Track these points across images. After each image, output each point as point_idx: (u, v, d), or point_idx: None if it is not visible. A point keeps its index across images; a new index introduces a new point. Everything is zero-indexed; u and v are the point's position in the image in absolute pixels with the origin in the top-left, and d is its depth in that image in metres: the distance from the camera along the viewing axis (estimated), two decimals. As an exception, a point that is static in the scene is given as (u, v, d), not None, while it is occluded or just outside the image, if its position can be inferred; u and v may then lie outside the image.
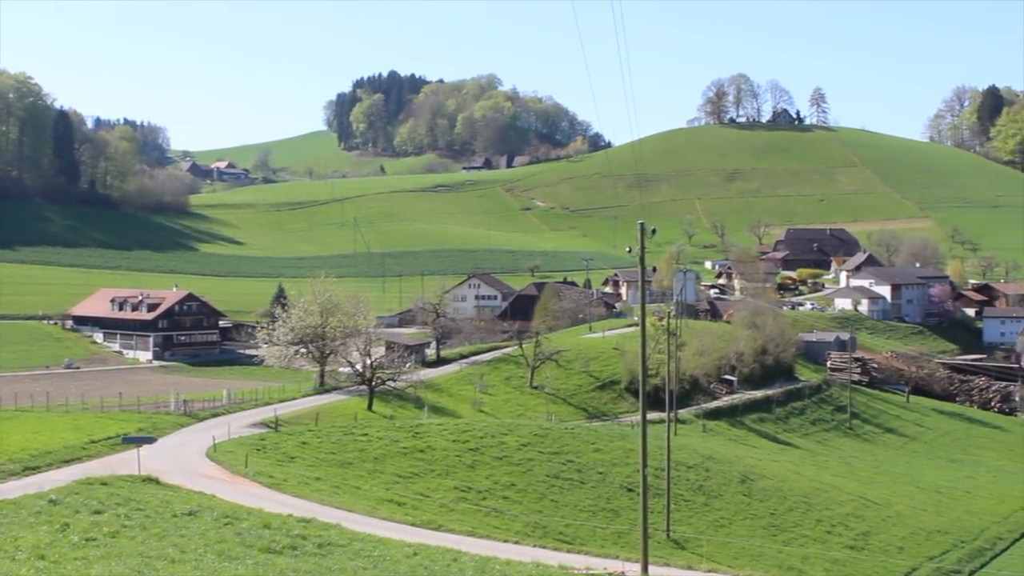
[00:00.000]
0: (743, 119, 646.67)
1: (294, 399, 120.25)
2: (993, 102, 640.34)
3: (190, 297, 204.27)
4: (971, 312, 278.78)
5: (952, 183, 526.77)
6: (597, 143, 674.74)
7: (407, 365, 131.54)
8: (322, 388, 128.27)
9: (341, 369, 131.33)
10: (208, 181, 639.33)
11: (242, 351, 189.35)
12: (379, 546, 48.85)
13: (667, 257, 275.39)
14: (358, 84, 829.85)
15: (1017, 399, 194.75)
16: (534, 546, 62.37)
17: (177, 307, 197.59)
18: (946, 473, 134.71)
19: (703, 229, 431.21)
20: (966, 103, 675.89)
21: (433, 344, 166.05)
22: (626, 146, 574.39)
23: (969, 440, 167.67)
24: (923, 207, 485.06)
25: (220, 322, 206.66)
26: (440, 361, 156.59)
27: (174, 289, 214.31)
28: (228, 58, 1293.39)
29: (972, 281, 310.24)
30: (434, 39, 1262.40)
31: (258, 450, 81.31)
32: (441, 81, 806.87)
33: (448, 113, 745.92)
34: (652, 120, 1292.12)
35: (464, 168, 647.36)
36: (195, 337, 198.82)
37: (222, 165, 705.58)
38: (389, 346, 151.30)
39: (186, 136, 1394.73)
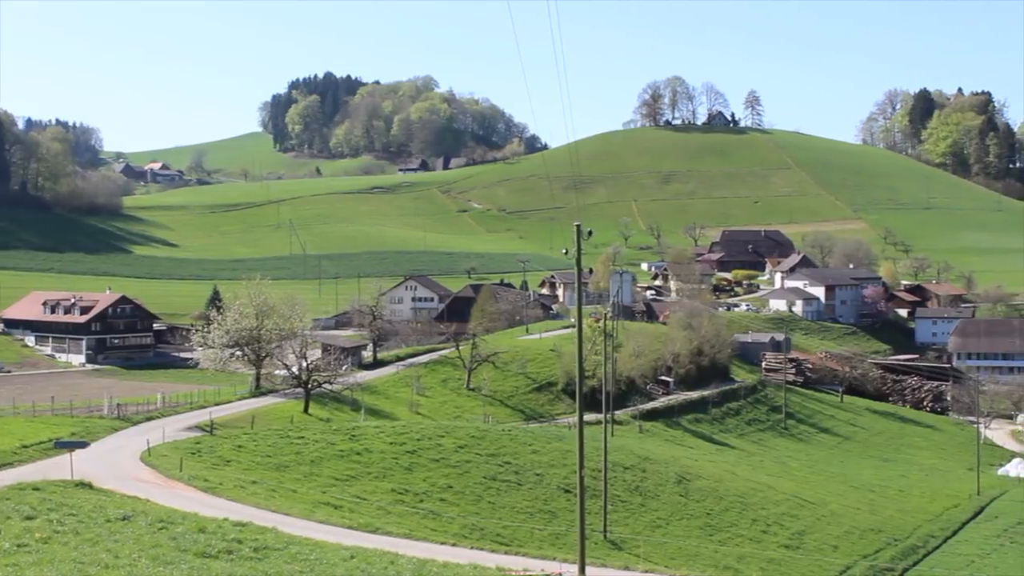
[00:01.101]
0: (679, 121, 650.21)
1: (229, 402, 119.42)
2: (924, 105, 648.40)
3: (124, 300, 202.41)
4: (904, 313, 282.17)
5: (885, 185, 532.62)
6: (534, 145, 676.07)
7: (343, 367, 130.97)
8: (258, 391, 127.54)
9: (277, 372, 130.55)
10: (142, 183, 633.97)
11: (177, 354, 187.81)
12: (316, 549, 48.57)
13: (603, 259, 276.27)
14: (294, 85, 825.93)
15: (949, 399, 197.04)
16: (471, 548, 62.27)
17: (110, 310, 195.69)
18: (879, 472, 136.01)
19: (639, 231, 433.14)
20: (898, 106, 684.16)
21: (370, 346, 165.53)
22: (563, 148, 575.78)
23: (902, 439, 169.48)
24: (856, 209, 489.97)
25: (154, 325, 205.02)
26: (377, 363, 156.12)
27: (107, 292, 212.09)
28: (162, 59, 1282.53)
29: (904, 282, 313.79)
30: (370, 41, 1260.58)
31: (193, 454, 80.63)
32: (377, 83, 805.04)
33: (384, 115, 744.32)
34: (588, 122, 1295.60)
35: (401, 170, 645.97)
36: (129, 340, 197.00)
37: (156, 166, 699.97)
38: (325, 348, 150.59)
39: (119, 137, 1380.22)
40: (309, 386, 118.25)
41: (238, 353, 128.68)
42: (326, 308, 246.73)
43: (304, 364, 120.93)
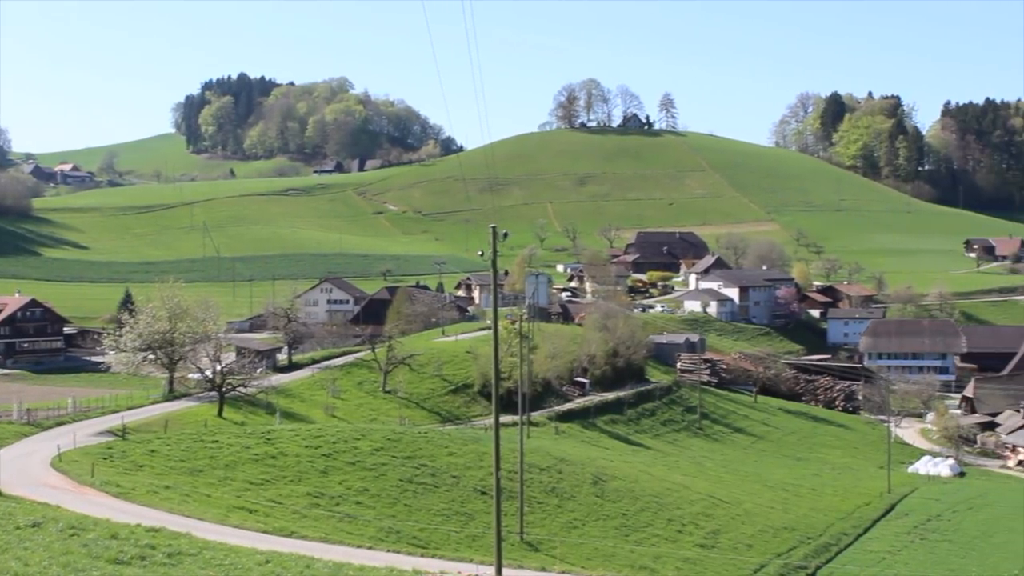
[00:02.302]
0: (594, 124, 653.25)
1: (142, 406, 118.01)
2: (836, 108, 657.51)
3: (33, 303, 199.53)
4: (816, 313, 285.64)
5: (797, 187, 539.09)
6: (449, 147, 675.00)
7: (258, 371, 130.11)
8: (171, 395, 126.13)
9: (191, 375, 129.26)
10: (52, 184, 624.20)
11: (88, 358, 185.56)
12: (230, 554, 48.22)
13: (519, 261, 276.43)
14: (207, 86, 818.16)
15: (860, 398, 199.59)
16: (388, 551, 62.18)
17: (19, 313, 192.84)
18: (793, 471, 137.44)
19: (555, 233, 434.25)
20: (810, 109, 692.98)
21: (284, 349, 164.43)
22: (478, 150, 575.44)
23: (814, 438, 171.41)
24: (769, 211, 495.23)
25: (65, 328, 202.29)
26: (292, 366, 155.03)
27: (16, 295, 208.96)
28: (72, 59, 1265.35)
29: (816, 283, 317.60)
30: (284, 42, 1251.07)
31: (105, 459, 79.63)
32: (292, 84, 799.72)
33: (299, 116, 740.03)
34: (504, 124, 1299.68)
35: (315, 172, 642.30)
36: (39, 344, 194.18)
37: (66, 168, 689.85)
38: (240, 351, 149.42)
39: (29, 138, 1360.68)
40: (223, 389, 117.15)
41: (151, 357, 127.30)
42: (240, 311, 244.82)
43: (218, 367, 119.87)
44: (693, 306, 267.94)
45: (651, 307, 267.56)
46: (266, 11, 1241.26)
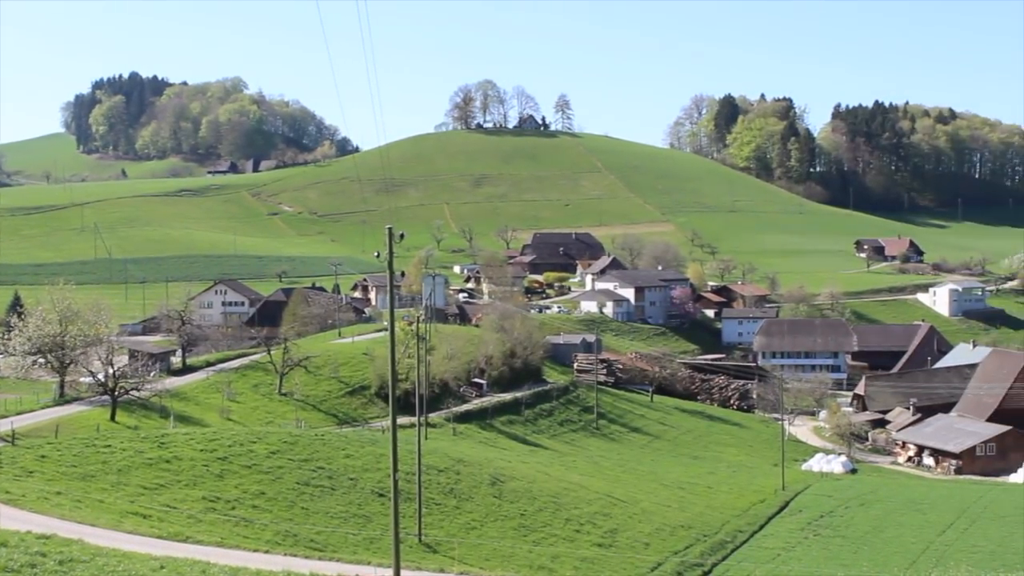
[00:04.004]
0: (490, 125, 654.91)
1: (32, 411, 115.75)
2: (729, 110, 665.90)
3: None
4: (711, 313, 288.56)
5: (691, 188, 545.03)
6: (345, 148, 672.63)
7: (152, 374, 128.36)
8: (62, 399, 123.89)
9: (82, 379, 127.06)
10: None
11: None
12: (124, 560, 47.51)
13: (416, 262, 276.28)
14: (97, 85, 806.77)
15: (754, 397, 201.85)
16: (285, 555, 61.72)
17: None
18: (689, 470, 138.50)
19: (451, 234, 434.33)
20: (704, 111, 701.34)
21: (179, 352, 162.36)
22: (374, 151, 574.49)
23: (710, 437, 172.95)
24: (664, 212, 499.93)
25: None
26: (186, 369, 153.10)
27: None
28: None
29: (711, 283, 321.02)
30: (176, 40, 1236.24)
31: (-7, 465, 78.08)
32: (185, 83, 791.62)
33: (192, 116, 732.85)
34: (400, 125, 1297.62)
35: (209, 172, 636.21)
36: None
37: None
38: (132, 355, 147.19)
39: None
40: (116, 393, 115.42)
41: (41, 360, 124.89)
42: (133, 313, 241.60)
43: (110, 371, 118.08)
44: (589, 307, 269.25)
45: (548, 308, 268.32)
46: (158, 9, 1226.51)
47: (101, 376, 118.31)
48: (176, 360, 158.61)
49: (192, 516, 71.34)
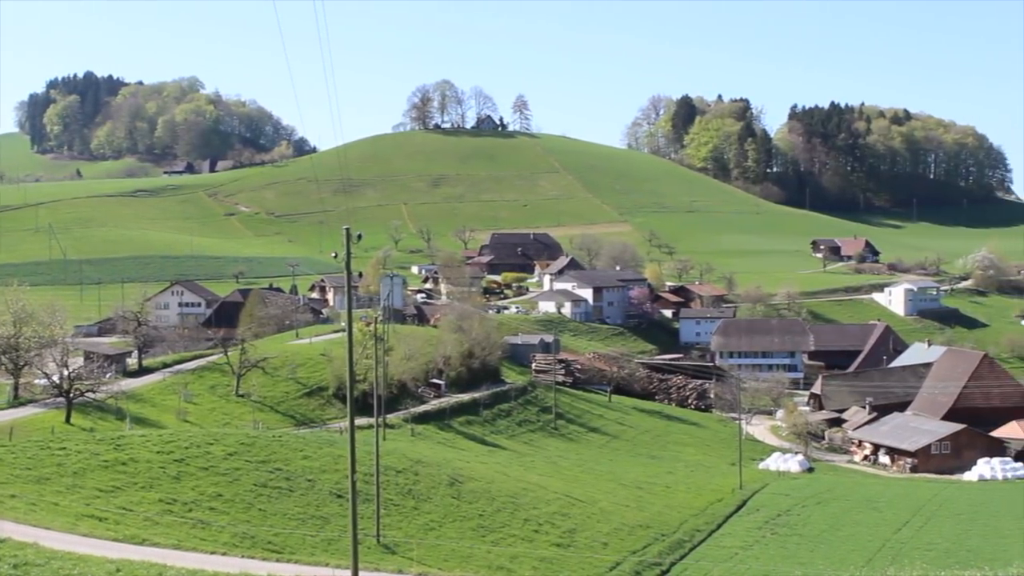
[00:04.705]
0: (448, 125, 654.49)
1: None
2: (686, 111, 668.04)
3: None
4: (668, 313, 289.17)
5: (649, 189, 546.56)
6: (302, 148, 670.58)
7: (107, 376, 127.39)
8: (16, 401, 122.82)
9: (37, 381, 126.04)
10: None
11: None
12: (79, 564, 47.22)
13: (374, 262, 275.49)
14: (52, 85, 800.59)
15: (712, 396, 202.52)
16: (242, 557, 61.44)
17: None
18: (647, 469, 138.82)
19: (409, 234, 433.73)
20: (661, 112, 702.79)
21: (135, 353, 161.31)
22: (332, 151, 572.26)
23: (668, 437, 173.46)
24: (622, 212, 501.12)
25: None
26: (142, 371, 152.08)
27: None
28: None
29: (669, 283, 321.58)
30: (132, 40, 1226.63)
31: (-53, 468, 77.34)
32: (140, 83, 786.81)
33: (148, 116, 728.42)
34: (358, 125, 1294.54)
35: (165, 173, 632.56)
36: None
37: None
38: (88, 356, 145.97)
39: None
40: (71, 395, 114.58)
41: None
42: (88, 315, 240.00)
43: (65, 372, 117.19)
44: (547, 307, 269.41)
45: (506, 308, 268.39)
46: (113, 9, 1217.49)
47: (56, 378, 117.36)
48: (132, 362, 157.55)
49: (149, 518, 70.90)
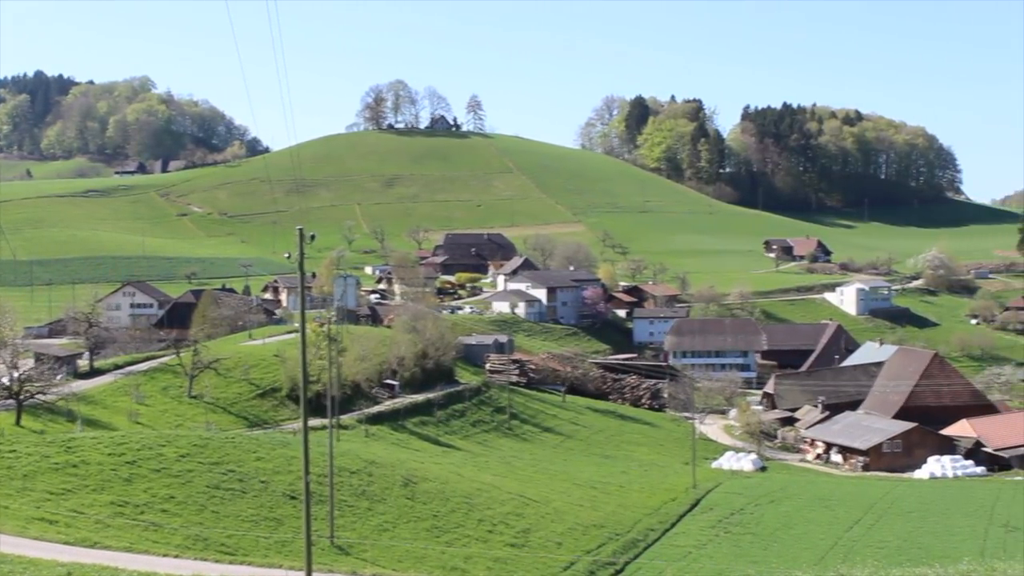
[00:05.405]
0: (402, 125, 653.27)
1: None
2: (640, 111, 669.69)
3: None
4: (622, 313, 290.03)
5: (603, 189, 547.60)
6: (255, 148, 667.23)
7: (58, 377, 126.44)
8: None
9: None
10: None
11: None
12: (30, 567, 46.86)
13: (327, 263, 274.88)
14: (1, 84, 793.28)
15: (665, 396, 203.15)
16: (195, 559, 61.19)
17: None
18: (601, 469, 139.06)
19: (363, 234, 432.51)
20: (615, 112, 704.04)
21: (86, 355, 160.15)
22: (285, 151, 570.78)
23: (622, 436, 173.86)
24: (576, 212, 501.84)
25: None
26: (94, 372, 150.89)
27: None
28: None
29: (622, 283, 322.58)
30: (82, 39, 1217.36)
31: None
32: (91, 82, 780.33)
33: (99, 116, 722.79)
34: (311, 125, 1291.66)
35: (117, 172, 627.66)
36: None
37: None
38: (38, 358, 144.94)
39: None
40: (21, 397, 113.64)
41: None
42: (39, 316, 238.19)
43: (15, 374, 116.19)
44: (501, 307, 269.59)
45: (460, 308, 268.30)
46: (63, 8, 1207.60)
47: (6, 380, 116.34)
48: (83, 363, 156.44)
49: (100, 521, 70.41)
